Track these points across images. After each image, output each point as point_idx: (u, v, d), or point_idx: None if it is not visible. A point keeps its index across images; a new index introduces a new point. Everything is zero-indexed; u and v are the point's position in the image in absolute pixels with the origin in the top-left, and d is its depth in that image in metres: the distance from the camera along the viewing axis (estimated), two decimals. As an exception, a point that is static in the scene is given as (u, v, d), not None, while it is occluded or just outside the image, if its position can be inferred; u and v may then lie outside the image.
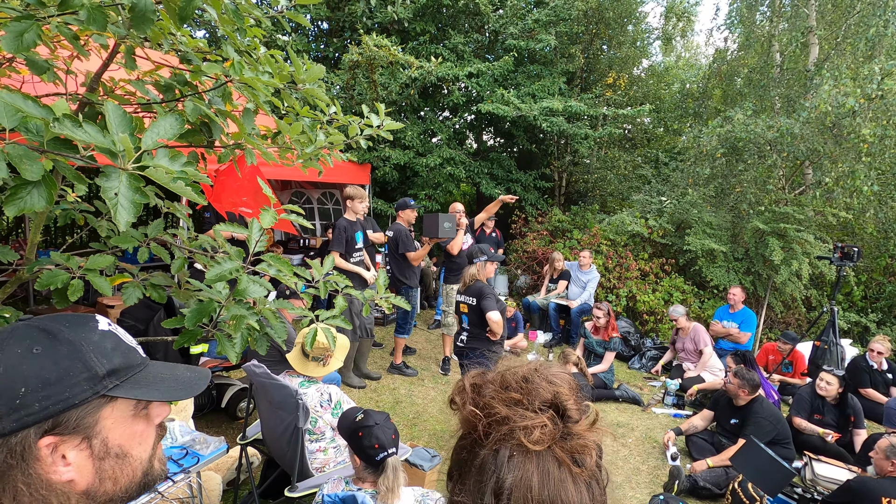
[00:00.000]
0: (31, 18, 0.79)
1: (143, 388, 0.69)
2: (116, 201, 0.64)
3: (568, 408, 0.58)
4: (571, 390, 0.60)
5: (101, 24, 0.83)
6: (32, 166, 0.61)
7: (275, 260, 1.25)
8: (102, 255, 1.32)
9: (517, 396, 0.58)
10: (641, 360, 6.10)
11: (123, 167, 0.65)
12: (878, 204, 6.63)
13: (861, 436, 3.92)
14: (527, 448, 0.55)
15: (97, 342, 0.67)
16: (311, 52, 9.59)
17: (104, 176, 0.64)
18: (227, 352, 1.31)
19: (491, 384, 0.61)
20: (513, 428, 0.56)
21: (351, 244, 4.55)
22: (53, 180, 0.67)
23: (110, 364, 0.67)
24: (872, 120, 5.85)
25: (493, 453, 0.57)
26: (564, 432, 0.57)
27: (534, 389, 0.59)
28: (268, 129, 1.69)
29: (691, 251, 6.85)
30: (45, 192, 0.66)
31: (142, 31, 0.90)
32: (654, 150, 11.22)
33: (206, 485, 2.58)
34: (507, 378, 0.61)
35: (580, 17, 9.56)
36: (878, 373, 4.96)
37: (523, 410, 0.57)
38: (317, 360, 2.62)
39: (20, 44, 0.77)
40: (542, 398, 0.58)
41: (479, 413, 0.59)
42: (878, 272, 7.34)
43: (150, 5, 0.87)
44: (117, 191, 0.64)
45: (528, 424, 0.56)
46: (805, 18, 8.00)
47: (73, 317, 0.69)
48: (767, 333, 7.00)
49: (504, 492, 0.54)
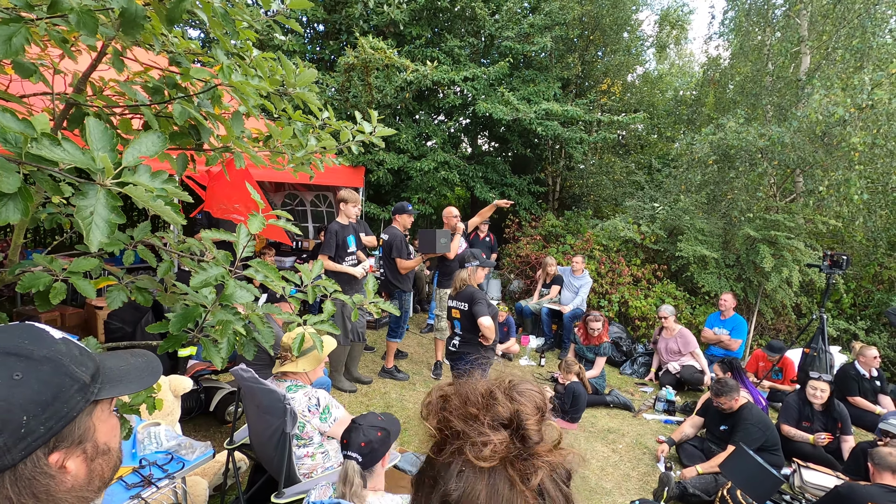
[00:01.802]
0: (19, 21, 0.78)
1: (119, 383, 0.71)
2: (91, 220, 0.63)
3: (527, 427, 0.56)
4: (536, 409, 0.58)
5: (91, 29, 0.82)
6: (9, 178, 0.60)
7: (262, 266, 1.24)
8: (87, 258, 1.30)
9: (474, 412, 0.57)
10: (633, 366, 6.11)
11: (102, 183, 0.63)
12: (868, 212, 6.71)
13: (848, 442, 3.94)
14: (474, 464, 0.54)
15: (67, 352, 0.67)
16: (306, 54, 9.58)
17: (80, 195, 0.63)
18: (212, 357, 1.29)
19: (455, 398, 0.60)
20: (465, 443, 0.55)
21: (342, 248, 4.52)
22: (30, 192, 0.66)
23: (88, 369, 0.68)
24: (862, 129, 5.92)
25: (445, 466, 0.56)
26: (522, 452, 0.55)
27: (493, 405, 0.57)
28: (259, 133, 1.68)
29: (683, 257, 6.89)
30: (20, 204, 0.64)
31: (131, 36, 0.89)
32: (648, 156, 11.30)
33: (191, 490, 2.55)
34: (470, 393, 0.60)
35: (576, 23, 9.62)
36: (867, 380, 5.00)
37: (479, 426, 0.56)
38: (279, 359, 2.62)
39: (9, 48, 0.76)
40: (500, 416, 0.57)
41: (437, 427, 0.59)
42: (867, 280, 7.41)
43: (140, 11, 0.86)
44: (93, 209, 0.63)
45: (480, 441, 0.54)
46: (797, 29, 8.09)
47: (23, 331, 0.67)
48: (758, 340, 7.05)
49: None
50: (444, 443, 0.58)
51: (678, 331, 5.66)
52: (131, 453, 2.20)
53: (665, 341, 5.70)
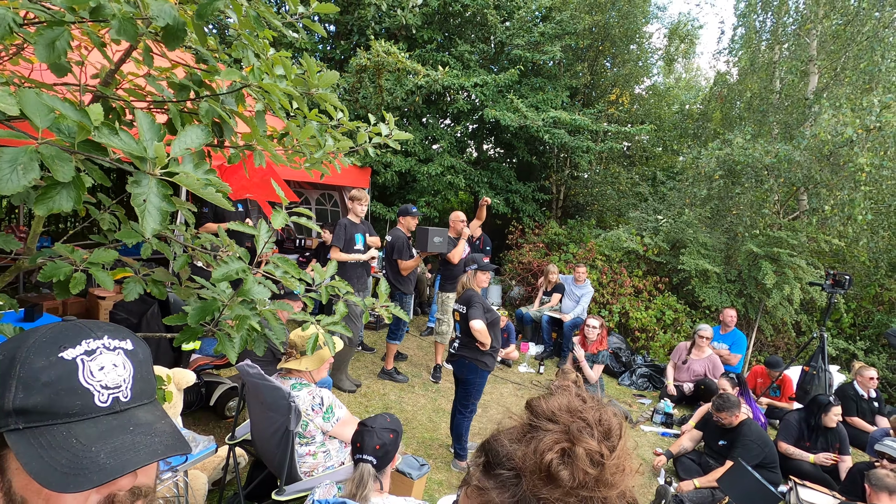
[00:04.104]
0: (62, 25, 0.80)
1: (38, 447, 0.54)
2: (145, 207, 0.64)
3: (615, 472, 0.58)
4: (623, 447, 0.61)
5: (131, 36, 0.83)
6: (64, 167, 0.62)
7: (282, 261, 1.26)
8: (106, 250, 1.31)
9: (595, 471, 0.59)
10: (632, 377, 6.11)
11: (152, 172, 0.65)
12: (871, 233, 6.73)
13: (846, 462, 3.94)
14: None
15: (37, 368, 0.56)
16: (317, 54, 9.63)
17: (134, 182, 0.64)
18: (226, 351, 1.31)
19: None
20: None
21: (350, 244, 4.57)
22: (83, 182, 0.67)
23: (25, 401, 0.55)
24: (870, 150, 5.94)
25: None
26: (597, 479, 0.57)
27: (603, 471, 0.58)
28: (274, 130, 1.70)
29: (685, 270, 6.91)
30: (73, 193, 0.66)
31: (172, 47, 0.91)
32: (653, 168, 11.33)
33: (191, 483, 2.55)
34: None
35: (586, 33, 9.67)
36: (865, 401, 5.01)
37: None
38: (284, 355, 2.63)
39: (52, 52, 0.77)
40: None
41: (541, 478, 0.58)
42: (868, 300, 7.42)
43: (181, 24, 0.88)
44: (146, 197, 0.64)
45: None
46: (806, 48, 8.14)
47: (68, 329, 0.60)
48: (757, 356, 7.05)
49: None
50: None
51: (709, 355, 5.51)
52: (134, 444, 2.21)
53: (692, 361, 5.54)
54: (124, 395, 0.61)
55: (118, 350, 0.61)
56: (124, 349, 0.62)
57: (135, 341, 0.64)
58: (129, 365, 0.62)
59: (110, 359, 0.60)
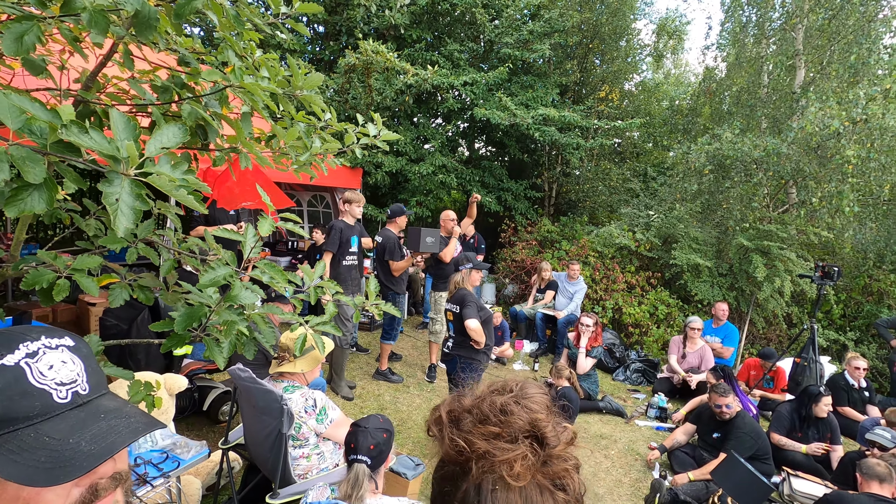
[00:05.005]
0: (31, 19, 0.79)
1: (8, 454, 0.53)
2: (117, 207, 0.63)
3: (546, 434, 0.58)
4: (549, 414, 0.60)
5: (102, 28, 0.82)
6: (35, 168, 0.61)
7: (268, 267, 1.25)
8: (90, 256, 1.30)
9: (496, 430, 0.58)
10: (626, 372, 6.14)
11: (126, 173, 0.64)
12: (858, 225, 6.80)
13: (837, 452, 3.98)
14: (508, 482, 0.55)
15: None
16: (306, 55, 9.58)
17: (106, 182, 0.63)
18: (215, 357, 1.30)
19: (468, 415, 0.61)
20: (494, 462, 0.56)
21: (345, 246, 4.55)
22: (55, 183, 0.66)
23: None
24: (856, 142, 6.00)
25: (476, 487, 0.57)
26: (545, 458, 0.57)
27: (512, 420, 0.59)
28: (261, 132, 1.69)
29: (677, 265, 6.95)
30: (45, 195, 0.65)
31: (145, 37, 0.90)
32: (643, 164, 11.38)
33: (185, 489, 2.53)
34: (485, 410, 0.61)
35: (575, 31, 9.70)
36: (856, 391, 5.06)
37: (503, 443, 0.57)
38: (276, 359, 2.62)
39: (20, 46, 0.76)
40: (521, 428, 0.58)
41: (459, 448, 0.59)
42: (857, 291, 7.50)
43: (153, 12, 0.87)
44: (118, 196, 0.63)
45: (509, 458, 0.56)
46: (792, 42, 8.20)
47: (1, 337, 0.59)
48: (749, 349, 7.11)
49: None
50: (467, 463, 0.58)
51: (701, 346, 5.59)
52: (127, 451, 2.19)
53: (686, 353, 5.61)
54: (83, 388, 0.61)
55: (60, 347, 0.62)
56: (66, 346, 0.62)
57: (74, 338, 0.65)
58: (77, 360, 0.63)
59: (56, 357, 0.60)
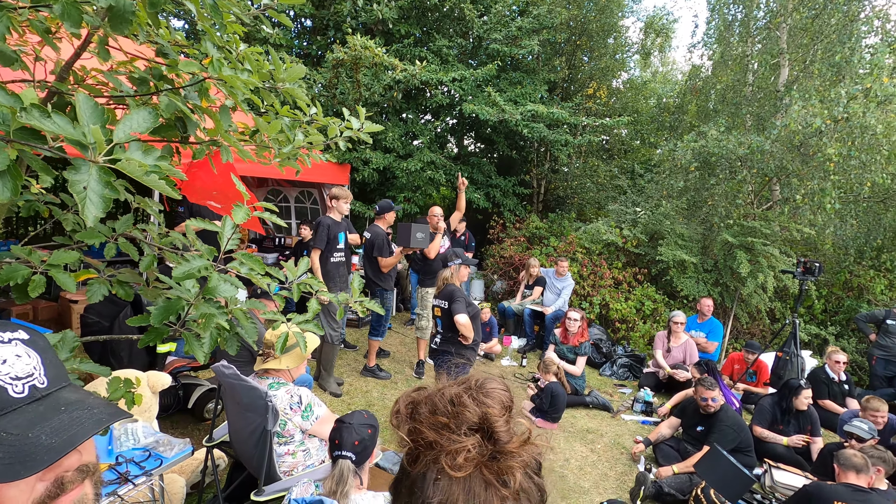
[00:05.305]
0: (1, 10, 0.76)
1: None
2: (85, 195, 0.61)
3: (496, 429, 0.57)
4: (503, 408, 0.60)
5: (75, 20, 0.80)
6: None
7: (247, 258, 1.24)
8: (67, 251, 1.28)
9: (444, 420, 0.58)
10: (612, 367, 6.20)
11: (94, 160, 0.63)
12: (840, 221, 6.92)
13: (817, 444, 4.06)
14: (449, 473, 0.55)
15: None
16: (293, 49, 9.49)
17: (73, 169, 0.62)
18: (195, 351, 1.28)
19: (423, 406, 0.61)
20: (439, 453, 0.56)
21: (333, 243, 4.52)
22: (19, 171, 0.64)
23: None
24: (838, 141, 6.10)
25: (421, 476, 0.57)
26: (494, 453, 0.56)
27: (462, 412, 0.58)
28: (245, 127, 1.67)
29: (663, 261, 7.02)
30: (9, 183, 0.63)
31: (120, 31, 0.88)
32: (631, 161, 11.47)
33: (168, 488, 2.51)
34: (437, 401, 0.60)
35: (563, 27, 9.72)
36: (836, 384, 5.16)
37: (450, 434, 0.57)
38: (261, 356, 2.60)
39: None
40: (469, 421, 0.58)
41: (411, 437, 0.59)
42: (838, 287, 7.64)
43: (129, 6, 0.85)
44: (86, 184, 0.62)
45: (454, 449, 0.55)
46: (776, 41, 8.30)
47: None
48: (733, 343, 7.21)
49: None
50: (418, 452, 0.59)
51: (685, 340, 5.64)
52: (107, 450, 2.16)
53: (671, 348, 5.67)
54: (40, 381, 0.60)
55: (14, 342, 0.60)
56: (20, 339, 0.61)
57: (28, 331, 0.63)
58: (34, 353, 0.61)
59: (9, 350, 0.59)
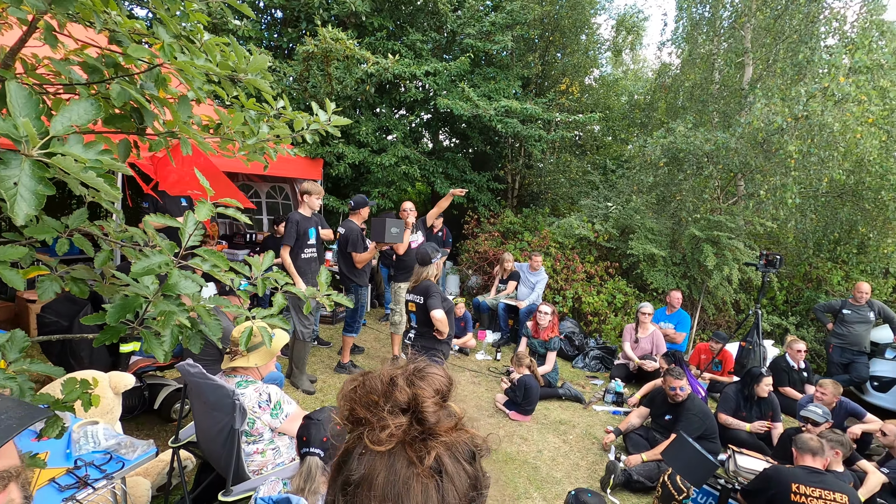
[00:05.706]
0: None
1: None
2: (16, 191, 0.58)
3: (424, 411, 0.59)
4: (435, 393, 0.61)
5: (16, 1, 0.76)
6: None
7: (209, 254, 1.20)
8: (14, 246, 1.22)
9: (375, 398, 0.60)
10: (585, 360, 6.31)
11: (28, 153, 0.59)
12: (800, 216, 7.20)
13: (778, 429, 4.24)
14: (372, 448, 0.56)
15: None
16: (263, 41, 9.26)
17: (3, 164, 0.58)
18: (154, 350, 1.24)
19: (362, 386, 0.63)
20: (365, 428, 0.58)
21: (303, 239, 4.45)
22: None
23: None
24: (798, 138, 6.33)
25: (348, 451, 0.59)
26: (420, 434, 0.58)
27: (393, 392, 0.60)
28: (210, 120, 1.62)
29: (634, 255, 7.17)
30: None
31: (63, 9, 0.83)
32: (603, 157, 11.64)
33: (132, 491, 2.44)
34: (374, 382, 0.62)
35: (536, 23, 9.77)
36: (796, 372, 5.38)
37: (379, 412, 0.58)
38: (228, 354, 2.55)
39: None
40: (399, 401, 0.59)
41: (345, 414, 0.62)
42: (798, 279, 7.96)
43: None
44: (17, 180, 0.58)
45: (379, 425, 0.57)
46: (741, 40, 8.54)
47: None
48: (700, 334, 7.44)
49: (350, 486, 0.56)
50: (350, 429, 0.61)
51: (653, 331, 5.78)
52: (65, 454, 2.08)
53: (640, 339, 5.79)
54: None
55: None
56: None
57: None
58: None
59: None
